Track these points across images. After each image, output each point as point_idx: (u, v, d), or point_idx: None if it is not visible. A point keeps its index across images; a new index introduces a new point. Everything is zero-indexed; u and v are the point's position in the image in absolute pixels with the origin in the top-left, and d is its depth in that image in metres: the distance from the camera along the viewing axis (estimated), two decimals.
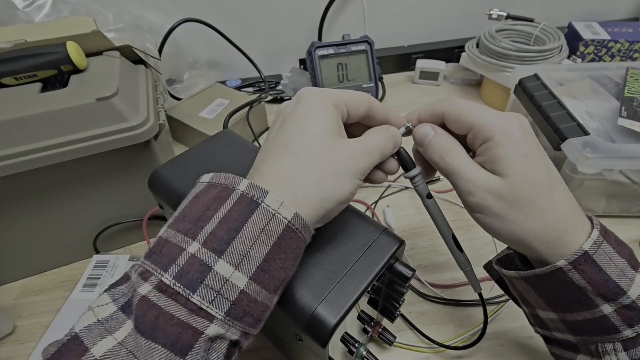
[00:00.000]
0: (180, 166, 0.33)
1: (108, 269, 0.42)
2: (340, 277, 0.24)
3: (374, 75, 0.54)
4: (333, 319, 0.23)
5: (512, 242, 0.26)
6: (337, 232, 0.27)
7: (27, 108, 0.35)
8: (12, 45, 0.39)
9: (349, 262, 0.25)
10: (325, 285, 0.24)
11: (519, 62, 0.61)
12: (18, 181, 0.36)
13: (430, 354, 0.37)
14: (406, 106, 0.70)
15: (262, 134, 0.65)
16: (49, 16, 0.55)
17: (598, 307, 0.24)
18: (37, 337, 0.38)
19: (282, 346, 0.34)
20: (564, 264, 0.23)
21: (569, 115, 0.44)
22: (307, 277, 0.25)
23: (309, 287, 0.24)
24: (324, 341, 0.23)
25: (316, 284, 0.24)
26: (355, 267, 0.25)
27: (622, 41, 0.67)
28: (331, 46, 0.53)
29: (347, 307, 0.23)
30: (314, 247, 0.26)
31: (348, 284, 0.24)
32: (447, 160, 0.26)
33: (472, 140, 0.26)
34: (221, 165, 0.33)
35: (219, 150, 0.35)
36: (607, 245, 0.24)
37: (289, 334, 0.26)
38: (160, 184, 0.33)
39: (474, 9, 0.78)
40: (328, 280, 0.24)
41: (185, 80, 0.70)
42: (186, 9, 0.67)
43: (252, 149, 0.35)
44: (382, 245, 0.27)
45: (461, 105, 0.26)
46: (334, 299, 0.23)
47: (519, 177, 0.24)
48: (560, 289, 0.24)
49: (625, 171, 0.45)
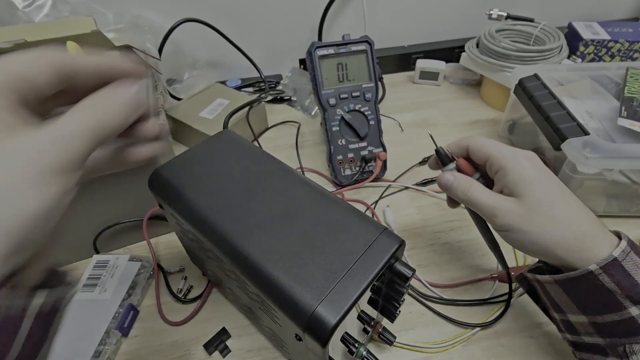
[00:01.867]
0: (181, 166, 0.33)
1: (108, 269, 0.42)
2: (341, 277, 0.24)
3: (374, 75, 0.54)
4: (333, 319, 0.23)
5: (537, 252, 0.29)
6: (337, 232, 0.27)
7: None
8: (12, 45, 0.39)
9: (349, 261, 0.25)
10: (325, 285, 0.24)
11: (519, 62, 0.61)
12: None
13: (431, 354, 0.37)
14: (406, 106, 0.70)
15: (262, 134, 0.65)
16: (49, 16, 0.55)
17: (626, 309, 0.26)
18: None
19: (282, 347, 0.34)
20: (595, 268, 0.26)
21: (569, 115, 0.44)
22: (307, 276, 0.25)
23: (309, 286, 0.24)
24: (325, 341, 0.23)
25: (316, 284, 0.24)
26: (356, 267, 0.25)
27: (622, 41, 0.67)
28: (331, 46, 0.53)
29: (347, 307, 0.23)
30: (314, 247, 0.26)
31: (348, 284, 0.24)
32: (469, 195, 0.32)
33: (490, 169, 0.32)
34: (221, 165, 0.33)
35: (219, 150, 0.34)
36: (635, 255, 0.27)
37: (289, 334, 0.26)
38: (160, 184, 0.32)
39: (474, 9, 0.78)
40: (328, 280, 0.24)
41: (185, 80, 0.70)
42: (186, 9, 0.67)
43: (252, 149, 0.35)
44: (382, 245, 0.27)
45: (481, 140, 0.33)
46: (334, 298, 0.23)
47: (531, 196, 0.29)
48: (591, 291, 0.27)
49: (625, 171, 0.45)
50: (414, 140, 0.63)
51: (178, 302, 0.42)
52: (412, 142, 0.62)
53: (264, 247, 0.27)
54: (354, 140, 0.54)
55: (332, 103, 0.53)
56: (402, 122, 0.66)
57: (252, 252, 0.27)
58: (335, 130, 0.53)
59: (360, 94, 0.54)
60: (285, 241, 0.27)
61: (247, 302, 0.33)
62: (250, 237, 0.27)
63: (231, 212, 0.29)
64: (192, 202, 0.30)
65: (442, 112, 0.68)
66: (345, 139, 0.54)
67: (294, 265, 0.25)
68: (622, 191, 0.46)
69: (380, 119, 0.55)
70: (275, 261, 0.26)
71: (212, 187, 0.31)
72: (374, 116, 0.54)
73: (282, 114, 0.69)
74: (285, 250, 0.26)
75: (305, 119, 0.68)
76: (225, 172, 0.32)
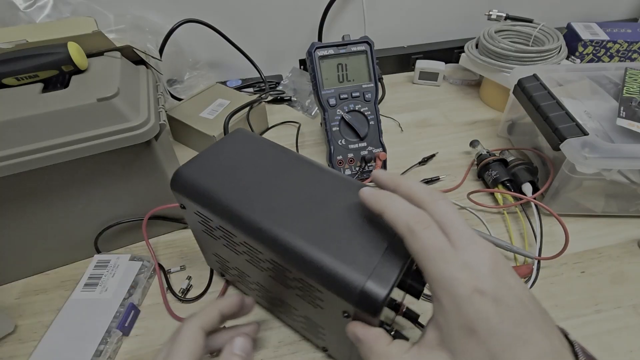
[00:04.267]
0: (201, 165, 0.33)
1: (109, 269, 0.42)
2: (382, 252, 0.26)
3: (374, 76, 0.54)
4: (383, 291, 0.24)
5: None
6: (370, 214, 0.28)
7: (29, 108, 0.35)
8: (14, 45, 0.39)
9: (386, 238, 0.26)
10: (370, 261, 0.25)
11: (518, 63, 0.61)
12: (19, 181, 0.36)
13: None
14: (406, 106, 0.70)
15: (262, 134, 0.65)
16: (50, 17, 0.55)
17: None
18: (38, 336, 0.38)
19: (317, 333, 0.34)
20: None
21: (568, 116, 0.45)
22: (350, 255, 0.26)
23: (354, 264, 0.25)
24: (376, 313, 0.24)
25: (360, 261, 0.25)
26: (394, 242, 0.26)
27: (620, 42, 0.67)
28: (331, 47, 0.53)
29: (394, 279, 0.24)
30: (349, 227, 0.27)
31: (391, 258, 0.25)
32: None
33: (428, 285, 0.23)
34: (241, 161, 0.33)
35: (237, 148, 0.35)
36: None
37: (333, 314, 0.27)
38: (184, 184, 0.32)
39: (473, 10, 0.78)
40: (371, 256, 0.25)
41: (185, 81, 0.70)
42: (187, 9, 0.67)
43: (268, 144, 0.35)
44: None
45: None
46: (380, 272, 0.25)
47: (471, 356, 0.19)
48: None
49: (624, 171, 0.45)
50: (413, 140, 0.63)
51: (179, 302, 0.42)
52: (412, 142, 0.63)
53: (302, 232, 0.27)
54: (353, 141, 0.54)
55: (332, 103, 0.53)
56: (402, 123, 0.66)
57: (292, 238, 0.27)
58: (335, 130, 0.53)
59: (360, 94, 0.54)
60: (322, 225, 0.28)
61: (280, 293, 0.33)
62: (287, 224, 0.28)
63: (262, 203, 0.30)
64: (221, 198, 0.30)
65: (441, 113, 0.69)
66: (345, 139, 0.54)
67: (335, 246, 0.26)
68: (621, 191, 0.46)
69: (380, 119, 0.55)
70: (316, 244, 0.27)
71: (237, 182, 0.31)
72: (374, 116, 0.54)
73: (282, 114, 0.69)
74: (323, 233, 0.27)
75: (305, 119, 0.68)
76: (247, 167, 0.33)
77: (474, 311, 0.19)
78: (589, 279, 0.43)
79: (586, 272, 0.43)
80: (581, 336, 0.37)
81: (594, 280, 0.42)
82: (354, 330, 0.25)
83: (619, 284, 0.42)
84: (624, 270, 0.43)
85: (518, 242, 0.46)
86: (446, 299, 0.20)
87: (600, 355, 0.36)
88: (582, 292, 0.41)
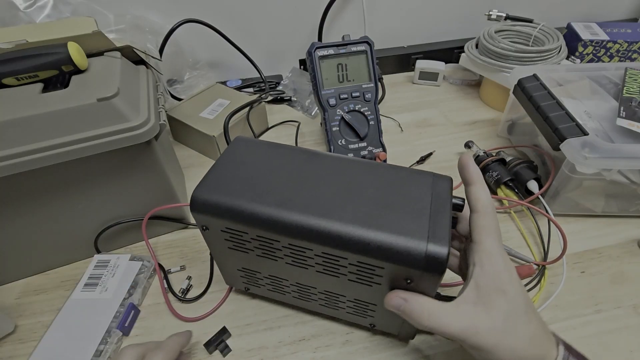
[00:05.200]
0: (218, 181, 0.31)
1: (109, 269, 0.42)
2: (428, 219, 0.28)
3: (374, 76, 0.54)
4: (445, 250, 0.26)
5: None
6: (400, 187, 0.30)
7: (29, 108, 0.35)
8: (14, 45, 0.39)
9: (427, 204, 0.29)
10: (422, 227, 0.27)
11: (518, 63, 0.61)
12: (19, 181, 0.36)
13: None
14: (406, 106, 0.70)
15: (262, 134, 0.65)
16: (50, 17, 0.55)
17: None
18: (38, 336, 0.38)
19: (365, 313, 0.35)
20: None
21: (568, 116, 0.45)
22: (403, 227, 0.27)
23: (409, 234, 0.27)
24: (442, 270, 0.26)
25: (414, 230, 0.27)
26: (434, 207, 0.29)
27: (620, 42, 0.67)
28: (331, 47, 0.53)
29: (448, 237, 0.27)
30: (390, 204, 0.29)
31: (438, 220, 0.28)
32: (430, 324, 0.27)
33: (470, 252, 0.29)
34: (255, 168, 0.32)
35: (244, 156, 0.34)
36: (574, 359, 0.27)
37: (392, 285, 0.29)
38: (208, 204, 0.31)
39: (474, 10, 0.78)
40: (421, 224, 0.28)
41: (185, 81, 0.70)
42: (187, 9, 0.67)
43: (274, 146, 0.35)
44: (441, 184, 0.31)
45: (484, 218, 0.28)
46: (435, 234, 0.27)
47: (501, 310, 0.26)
48: None
49: (623, 171, 0.45)
50: (413, 140, 0.63)
51: (179, 302, 0.42)
52: (412, 142, 0.63)
53: (350, 218, 0.28)
54: (353, 141, 0.54)
55: (332, 103, 0.53)
56: (402, 123, 0.66)
57: (343, 226, 0.28)
58: (335, 130, 0.53)
59: (360, 94, 0.54)
60: (363, 208, 0.29)
61: (326, 286, 0.33)
62: (331, 214, 0.28)
63: (296, 202, 0.29)
64: (254, 207, 0.29)
65: (441, 113, 0.69)
66: (345, 139, 0.54)
67: (386, 222, 0.28)
68: (621, 191, 0.46)
69: (380, 119, 0.55)
70: (368, 225, 0.28)
71: (261, 188, 0.30)
72: (374, 116, 0.54)
73: (282, 114, 0.70)
74: (368, 215, 0.28)
75: (305, 119, 0.68)
76: (263, 171, 0.32)
77: (507, 278, 0.27)
78: (589, 279, 0.43)
79: (586, 272, 0.43)
80: (581, 336, 0.38)
81: (594, 280, 0.42)
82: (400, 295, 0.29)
83: (619, 284, 0.42)
84: (624, 270, 0.43)
85: (531, 241, 0.47)
86: (489, 266, 0.27)
87: (601, 355, 0.36)
88: (582, 292, 0.41)
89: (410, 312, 0.28)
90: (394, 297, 0.28)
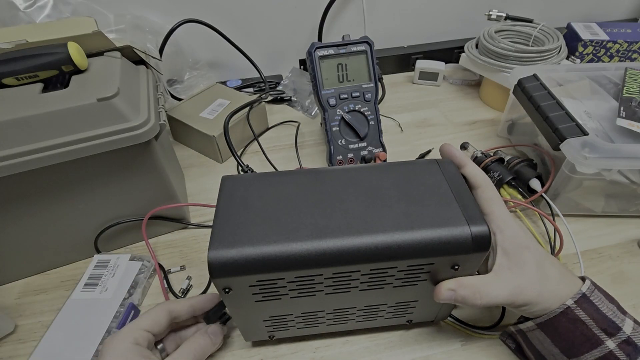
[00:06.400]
0: (232, 235, 0.28)
1: (109, 269, 0.42)
2: (456, 201, 0.29)
3: (374, 76, 0.54)
4: (485, 226, 0.27)
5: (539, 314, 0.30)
6: (415, 180, 0.31)
7: (29, 108, 0.35)
8: (14, 45, 0.39)
9: (447, 189, 0.30)
10: (456, 213, 0.28)
11: (518, 63, 0.61)
12: (19, 181, 0.36)
13: None
14: (406, 106, 0.70)
15: (262, 134, 0.65)
16: (50, 17, 0.55)
17: (604, 343, 0.28)
18: (38, 336, 0.38)
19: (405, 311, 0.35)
20: (571, 302, 0.29)
21: (568, 116, 0.45)
22: (438, 218, 0.28)
23: (448, 223, 0.28)
24: (488, 245, 0.27)
25: (450, 218, 0.28)
26: (454, 190, 0.30)
27: (620, 42, 0.67)
28: (331, 47, 0.53)
29: (481, 213, 0.28)
30: (416, 199, 0.29)
31: (465, 202, 0.29)
32: (484, 302, 0.29)
33: None
34: (263, 206, 0.29)
35: (244, 197, 0.30)
36: (599, 293, 0.30)
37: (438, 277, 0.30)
38: (230, 263, 0.26)
39: (473, 10, 0.78)
40: (453, 210, 0.28)
41: (185, 81, 0.70)
42: (187, 9, 0.67)
43: (268, 176, 0.32)
44: (447, 167, 0.32)
45: (487, 191, 0.32)
46: (469, 215, 0.28)
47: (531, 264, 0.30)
48: (571, 328, 0.29)
49: (623, 171, 0.45)
50: (413, 140, 0.63)
51: None
52: (412, 142, 0.63)
53: (391, 227, 0.27)
54: (353, 141, 0.54)
55: (332, 103, 0.53)
56: (402, 122, 0.66)
57: (387, 237, 0.27)
58: (335, 130, 0.54)
59: (360, 94, 0.54)
60: (394, 211, 0.29)
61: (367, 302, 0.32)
62: (371, 229, 0.27)
63: (331, 227, 0.27)
64: (286, 249, 0.26)
65: (441, 113, 0.69)
66: (345, 139, 0.54)
67: (423, 219, 0.28)
68: (621, 191, 0.46)
69: (380, 119, 0.55)
70: (410, 228, 0.27)
71: (285, 225, 0.28)
72: (374, 116, 0.54)
73: (282, 114, 0.70)
74: (405, 217, 0.28)
75: (305, 119, 0.68)
76: (276, 206, 0.29)
77: (523, 235, 0.31)
78: None
79: (586, 272, 0.43)
80: None
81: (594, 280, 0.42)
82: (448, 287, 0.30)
83: (619, 284, 0.42)
84: (624, 270, 0.43)
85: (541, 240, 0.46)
86: (508, 230, 0.30)
87: None
88: None
89: (463, 299, 0.29)
90: (443, 292, 0.29)
